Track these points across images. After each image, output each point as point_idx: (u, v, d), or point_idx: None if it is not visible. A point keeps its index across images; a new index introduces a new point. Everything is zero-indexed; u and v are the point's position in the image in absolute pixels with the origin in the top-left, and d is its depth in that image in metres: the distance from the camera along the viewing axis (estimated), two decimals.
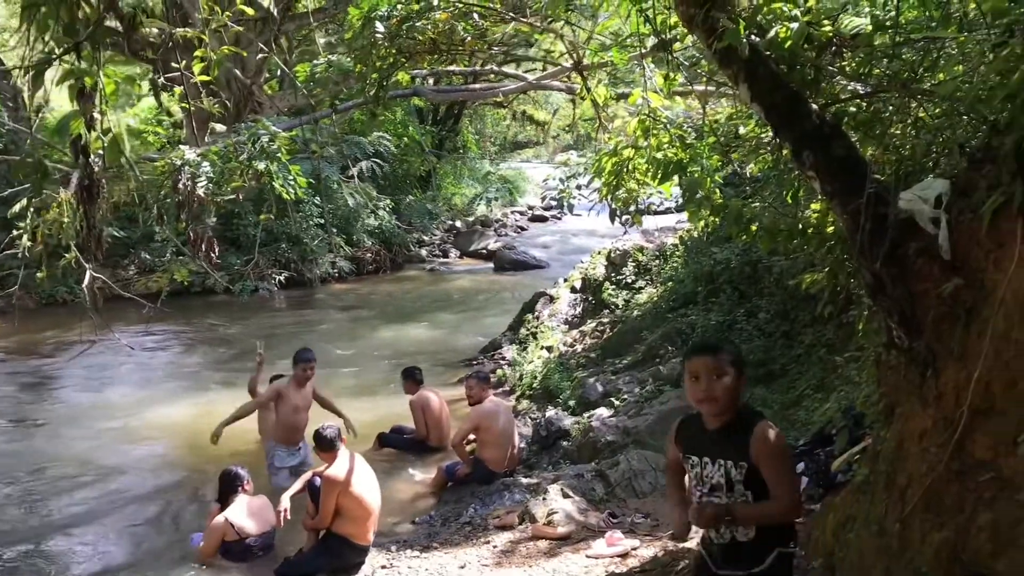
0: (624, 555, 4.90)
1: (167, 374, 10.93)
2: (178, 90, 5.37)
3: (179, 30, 4.54)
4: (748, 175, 4.56)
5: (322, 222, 17.00)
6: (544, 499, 5.95)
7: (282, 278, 16.36)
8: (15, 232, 5.69)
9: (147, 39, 11.12)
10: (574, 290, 11.97)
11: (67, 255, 5.70)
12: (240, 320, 14.10)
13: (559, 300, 11.93)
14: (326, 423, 5.77)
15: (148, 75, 19.04)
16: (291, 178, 5.65)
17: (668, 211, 12.86)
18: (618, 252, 11.26)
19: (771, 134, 3.40)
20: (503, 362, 10.85)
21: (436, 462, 7.43)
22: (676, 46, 4.08)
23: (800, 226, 3.75)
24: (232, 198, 6.14)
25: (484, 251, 21.19)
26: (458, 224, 23.61)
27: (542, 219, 26.57)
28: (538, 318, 11.62)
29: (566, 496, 5.98)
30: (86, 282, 5.31)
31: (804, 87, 3.15)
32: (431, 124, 23.71)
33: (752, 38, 2.99)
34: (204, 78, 4.91)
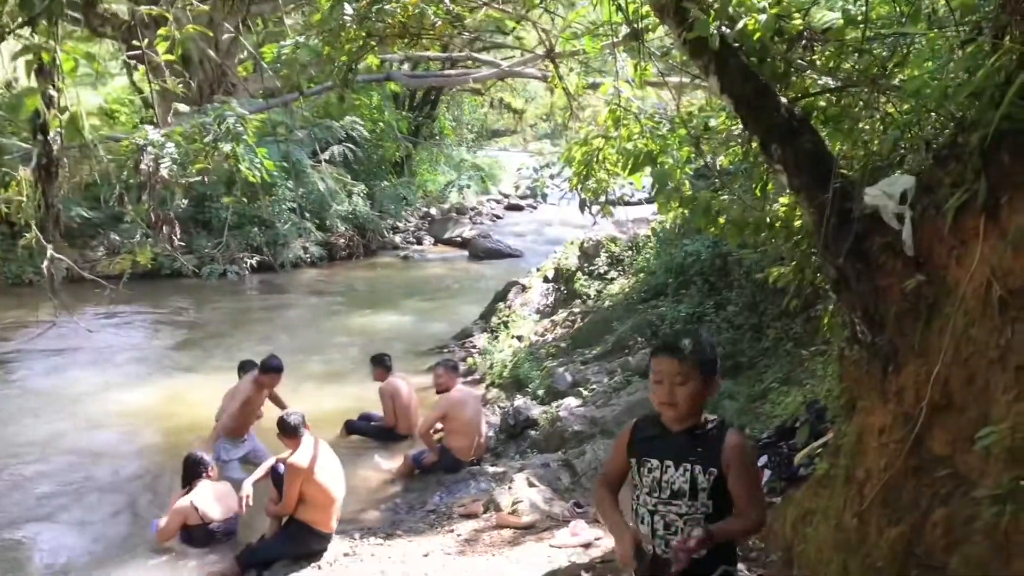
0: (587, 545, 4.91)
1: (130, 357, 10.71)
2: (142, 69, 5.23)
3: (143, 7, 4.43)
4: (719, 167, 4.55)
5: (294, 206, 16.79)
6: (510, 488, 5.94)
7: (253, 262, 16.14)
8: None
9: (106, 15, 10.85)
10: (547, 280, 11.95)
11: (27, 234, 5.59)
12: (208, 304, 13.91)
13: (531, 289, 11.91)
14: (290, 410, 5.74)
15: (120, 54, 18.68)
16: (257, 161, 5.56)
17: (641, 202, 12.87)
18: (591, 242, 11.24)
19: (741, 127, 3.39)
20: (474, 350, 10.82)
21: (403, 450, 7.39)
22: (648, 36, 4.05)
23: (768, 219, 3.76)
24: (199, 180, 6.04)
25: (459, 239, 20.97)
26: (433, 211, 23.40)
27: (518, 208, 26.49)
28: (510, 307, 11.60)
29: (532, 485, 5.98)
30: (45, 262, 5.19)
31: (774, 80, 3.14)
32: (408, 110, 23.44)
33: (723, 29, 2.97)
34: (169, 57, 4.81)
